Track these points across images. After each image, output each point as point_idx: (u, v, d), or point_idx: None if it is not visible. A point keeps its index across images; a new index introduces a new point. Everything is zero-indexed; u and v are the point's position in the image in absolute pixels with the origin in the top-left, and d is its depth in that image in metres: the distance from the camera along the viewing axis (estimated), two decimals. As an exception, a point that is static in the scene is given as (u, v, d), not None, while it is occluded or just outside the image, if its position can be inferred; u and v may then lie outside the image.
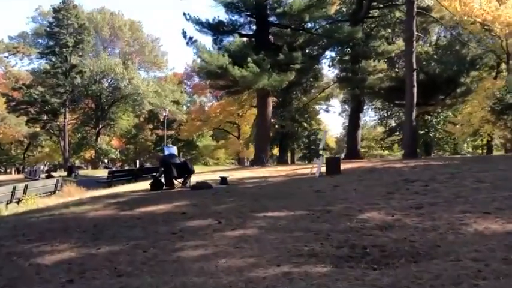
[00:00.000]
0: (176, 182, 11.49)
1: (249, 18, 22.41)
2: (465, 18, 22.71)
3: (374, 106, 59.83)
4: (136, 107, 55.82)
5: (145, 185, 14.01)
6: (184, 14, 21.04)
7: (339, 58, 30.66)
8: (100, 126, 54.98)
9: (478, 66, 27.21)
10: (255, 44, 21.62)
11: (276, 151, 56.02)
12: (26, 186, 14.19)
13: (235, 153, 61.49)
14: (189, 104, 66.53)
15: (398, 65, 32.09)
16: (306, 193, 8.70)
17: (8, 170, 64.89)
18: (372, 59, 27.45)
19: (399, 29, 29.68)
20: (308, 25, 24.00)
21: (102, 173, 39.98)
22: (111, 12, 61.27)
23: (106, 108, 55.08)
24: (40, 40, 56.37)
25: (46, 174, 22.98)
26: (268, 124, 23.02)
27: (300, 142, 51.10)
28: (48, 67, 47.88)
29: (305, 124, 48.41)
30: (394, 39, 30.68)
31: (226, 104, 54.57)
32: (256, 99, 50.64)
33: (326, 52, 29.40)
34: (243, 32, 22.82)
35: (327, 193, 8.48)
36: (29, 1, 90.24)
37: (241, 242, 5.11)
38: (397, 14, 28.06)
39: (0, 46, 46.50)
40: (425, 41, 32.62)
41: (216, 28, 21.61)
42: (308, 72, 25.86)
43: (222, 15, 30.59)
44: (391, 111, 54.54)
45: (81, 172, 38.34)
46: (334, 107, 64.60)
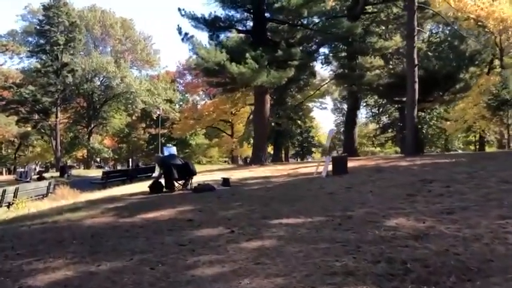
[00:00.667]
0: (177, 184, 10.88)
1: (246, 13, 21.80)
2: (459, 14, 22.34)
3: (366, 103, 59.71)
4: (128, 106, 55.03)
5: (142, 187, 13.41)
6: (179, 10, 20.39)
7: (334, 54, 30.19)
8: (92, 125, 54.23)
9: (477, 61, 26.86)
10: (252, 40, 21.02)
11: (270, 149, 55.66)
12: (17, 189, 13.50)
13: (228, 151, 61.02)
14: (182, 103, 65.78)
15: (393, 62, 31.68)
16: (318, 196, 8.13)
17: (0, 171, 63.89)
18: (369, 55, 26.98)
19: (396, 25, 29.26)
20: (305, 21, 23.51)
21: (95, 173, 39.26)
22: (102, 10, 60.36)
23: (98, 107, 54.33)
24: (30, 38, 55.45)
25: (38, 175, 22.19)
26: (266, 122, 22.45)
27: (295, 140, 50.66)
28: (39, 66, 47.06)
29: (299, 122, 48.05)
30: (391, 35, 30.24)
31: (219, 102, 54.08)
32: (251, 97, 50.80)
33: (320, 49, 29.02)
34: (240, 28, 22.22)
35: (342, 196, 7.91)
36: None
37: (261, 257, 4.53)
38: (394, 10, 27.60)
39: (-12, 44, 45.61)
40: (418, 38, 32.23)
41: (212, 24, 20.97)
42: (306, 68, 25.30)
43: (218, 10, 29.85)
44: (384, 108, 54.45)
45: (74, 172, 37.59)
46: (327, 104, 63.82)
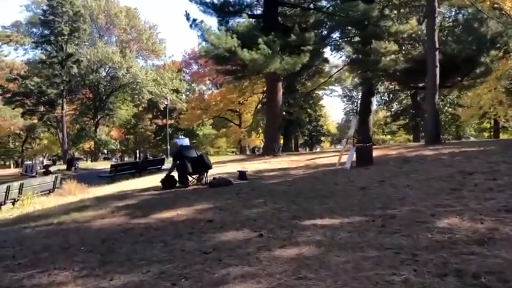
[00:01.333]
0: (190, 179, 10.18)
1: (257, -3, 21.02)
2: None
3: (376, 90, 58.59)
4: (135, 97, 54.34)
5: (153, 181, 12.73)
6: (186, -6, 19.58)
7: (347, 40, 29.18)
8: (99, 116, 53.70)
9: (499, 44, 25.74)
10: (263, 25, 20.14)
11: (280, 139, 54.79)
12: (22, 184, 12.86)
13: (236, 141, 60.38)
14: (188, 93, 65.02)
15: (405, 47, 30.63)
16: (349, 191, 7.39)
17: (7, 163, 63.68)
18: (384, 40, 25.97)
19: (410, 8, 28.21)
20: (318, 4, 22.61)
21: (103, 165, 38.73)
22: (106, -1, 59.41)
23: (104, 98, 53.75)
24: (34, 29, 54.79)
25: (44, 170, 21.60)
26: (279, 111, 21.65)
27: (305, 129, 49.81)
28: (43, 57, 46.39)
29: (309, 110, 47.22)
30: (406, 19, 29.19)
31: (226, 92, 53.41)
32: (259, 85, 49.99)
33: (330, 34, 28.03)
34: (250, 13, 21.35)
35: (376, 191, 7.16)
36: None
37: (302, 269, 3.81)
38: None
39: (-8, 35, 45.03)
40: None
41: (221, 9, 20.12)
42: (319, 54, 24.36)
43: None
44: (395, 95, 53.35)
45: (81, 165, 37.05)
46: (337, 92, 62.94)
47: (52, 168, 27.91)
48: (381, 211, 5.70)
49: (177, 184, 9.99)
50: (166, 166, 23.63)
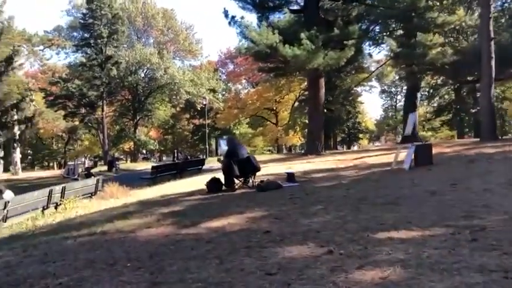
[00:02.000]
0: (237, 181, 9.59)
1: (297, -9, 20.27)
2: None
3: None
4: (173, 97, 54.59)
5: (195, 183, 12.27)
6: (225, -9, 19.06)
7: (389, 33, 28.01)
8: (138, 117, 54.26)
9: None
10: (305, 20, 19.39)
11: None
12: (64, 188, 12.67)
13: (273, 140, 59.72)
14: (224, 92, 64.87)
15: (448, 39, 29.21)
16: (419, 196, 6.61)
17: (51, 164, 65.51)
18: (430, 32, 24.73)
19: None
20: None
21: (143, 166, 38.90)
22: (143, 1, 59.93)
23: (143, 99, 54.24)
24: (75, 33, 55.83)
25: (85, 172, 21.62)
26: (322, 108, 20.86)
27: (344, 126, 48.57)
28: (84, 60, 47.19)
29: (348, 107, 46.00)
30: (452, 9, 27.77)
31: (263, 91, 52.93)
32: (295, 83, 49.16)
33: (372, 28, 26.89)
34: (290, 8, 20.62)
35: (450, 196, 6.35)
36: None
37: (395, 300, 3.12)
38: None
39: (35, 39, 45.86)
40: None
41: (261, 4, 19.53)
42: (362, 48, 23.42)
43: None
44: (437, 90, 51.25)
45: (121, 165, 37.31)
46: (376, 88, 61.36)
47: (93, 169, 28.12)
48: (466, 221, 4.92)
49: (223, 187, 9.43)
50: (206, 166, 23.27)
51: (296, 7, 20.60)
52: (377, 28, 27.81)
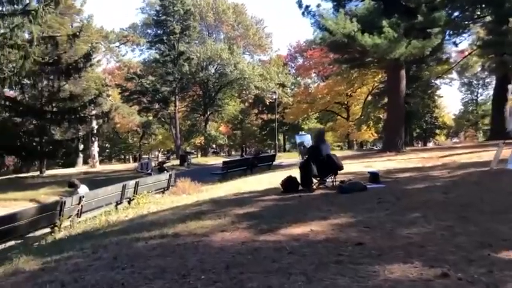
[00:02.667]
0: (314, 181, 8.83)
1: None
2: None
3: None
4: (243, 92, 54.64)
5: (267, 181, 11.69)
6: (298, -21, 18.18)
7: (477, 19, 25.70)
8: (208, 112, 54.89)
9: None
10: (384, 8, 18.08)
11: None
12: (137, 183, 12.60)
13: (344, 136, 58.02)
14: (293, 87, 64.01)
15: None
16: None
17: (127, 157, 68.30)
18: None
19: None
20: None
21: (213, 161, 39.22)
22: (214, -4, 60.48)
23: (213, 94, 54.74)
24: (149, 30, 57.41)
25: (158, 166, 21.83)
26: (402, 102, 19.45)
27: (422, 121, 45.96)
28: (157, 56, 48.34)
29: (427, 101, 43.42)
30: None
31: (333, 84, 51.47)
32: (368, 76, 47.16)
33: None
34: (366, -5, 19.37)
35: None
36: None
37: None
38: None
39: (111, 36, 47.66)
40: None
41: (336, -8, 18.51)
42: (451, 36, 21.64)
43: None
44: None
45: (193, 160, 37.78)
46: (456, 80, 57.67)
47: (166, 164, 28.52)
48: None
49: (299, 187, 8.72)
50: (276, 162, 22.70)
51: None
52: (460, 15, 25.68)
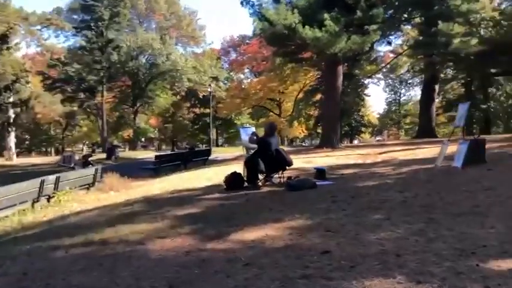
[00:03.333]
0: (260, 177, 8.15)
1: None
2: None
3: (420, 79, 54.98)
4: (175, 84, 53.01)
5: (206, 177, 10.88)
6: (237, -33, 17.44)
7: (406, 20, 26.37)
8: (138, 104, 52.69)
9: None
10: (324, 1, 17.79)
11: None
12: (58, 178, 11.17)
13: (276, 132, 58.19)
14: (226, 81, 63.36)
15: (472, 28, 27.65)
16: (504, 204, 5.22)
17: (49, 150, 64.01)
18: (453, 20, 23.19)
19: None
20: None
21: (143, 155, 37.50)
22: (146, -17, 58.08)
23: (144, 85, 52.60)
24: (75, 16, 53.90)
25: (83, 160, 20.13)
26: (338, 98, 19.33)
27: (352, 119, 47.02)
28: (83, 43, 45.58)
29: (357, 99, 44.46)
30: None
31: (266, 80, 51.53)
32: (300, 73, 47.51)
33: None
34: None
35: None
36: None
37: None
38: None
39: (32, 18, 44.06)
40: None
41: (278, -18, 17.90)
42: (386, 34, 21.86)
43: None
44: (446, 84, 49.64)
45: (121, 153, 35.88)
46: (383, 80, 59.85)
47: (92, 157, 26.67)
48: None
49: (245, 184, 8.01)
50: (212, 157, 21.88)
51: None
52: (394, 14, 26.25)
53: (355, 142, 51.03)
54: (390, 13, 22.46)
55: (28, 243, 5.27)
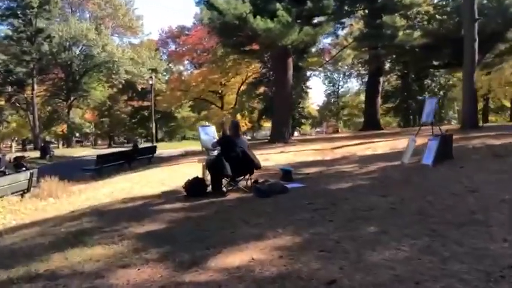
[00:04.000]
0: (224, 182, 7.36)
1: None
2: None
3: (357, 72, 56.26)
4: (113, 77, 50.56)
5: (160, 180, 10.02)
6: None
7: (349, 12, 26.46)
8: (72, 98, 49.78)
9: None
10: (275, -9, 17.21)
11: (268, 124, 52.15)
12: (-16, 186, 9.79)
13: (219, 125, 57.32)
14: (165, 73, 61.59)
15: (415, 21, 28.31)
16: (500, 208, 4.86)
17: (-28, 150, 59.16)
18: (397, 14, 23.50)
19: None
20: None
21: (80, 152, 35.38)
22: (78, -30, 54.79)
23: (78, 78, 49.78)
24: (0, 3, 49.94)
25: (14, 162, 18.31)
26: (289, 92, 18.87)
27: (295, 112, 47.11)
28: (10, 32, 42.13)
29: (301, 92, 44.64)
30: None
31: (208, 72, 50.67)
32: (242, 66, 46.90)
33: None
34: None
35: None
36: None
37: None
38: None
39: None
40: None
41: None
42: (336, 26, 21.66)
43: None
44: (384, 76, 50.98)
45: (56, 151, 33.51)
46: (322, 72, 60.48)
47: (25, 154, 24.57)
48: None
49: (207, 190, 7.23)
50: (156, 153, 20.79)
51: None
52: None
53: (295, 134, 51.35)
54: (337, 5, 22.40)
55: None
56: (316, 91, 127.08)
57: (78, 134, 58.91)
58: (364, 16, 24.97)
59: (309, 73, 48.06)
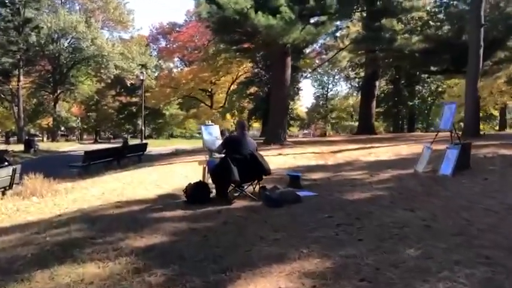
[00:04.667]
0: (230, 189, 6.65)
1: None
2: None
3: (346, 76, 55.90)
4: (101, 71, 49.49)
5: (154, 181, 9.33)
6: None
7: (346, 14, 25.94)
8: (59, 91, 48.58)
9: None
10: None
11: (257, 124, 51.61)
12: (-37, 182, 8.98)
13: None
14: (155, 70, 60.68)
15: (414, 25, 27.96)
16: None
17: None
18: (396, 16, 23.03)
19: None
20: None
21: (67, 147, 34.40)
22: (69, -39, 53.54)
23: (65, 71, 48.65)
24: (-14, -9, 48.49)
25: (-5, 156, 17.31)
26: (286, 92, 18.25)
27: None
28: (-4, 21, 40.90)
29: (291, 93, 44.09)
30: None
31: (198, 70, 50.05)
32: (233, 66, 46.14)
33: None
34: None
35: None
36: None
37: None
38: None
39: None
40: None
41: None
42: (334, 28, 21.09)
43: None
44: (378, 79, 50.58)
45: (41, 144, 32.42)
46: (311, 74, 60.03)
47: (4, 146, 23.55)
48: None
49: (211, 195, 6.55)
50: (147, 151, 20.04)
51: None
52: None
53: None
54: (338, 5, 21.86)
55: None
56: (305, 93, 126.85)
57: (63, 128, 57.62)
58: (362, 18, 24.47)
59: (300, 74, 47.67)
